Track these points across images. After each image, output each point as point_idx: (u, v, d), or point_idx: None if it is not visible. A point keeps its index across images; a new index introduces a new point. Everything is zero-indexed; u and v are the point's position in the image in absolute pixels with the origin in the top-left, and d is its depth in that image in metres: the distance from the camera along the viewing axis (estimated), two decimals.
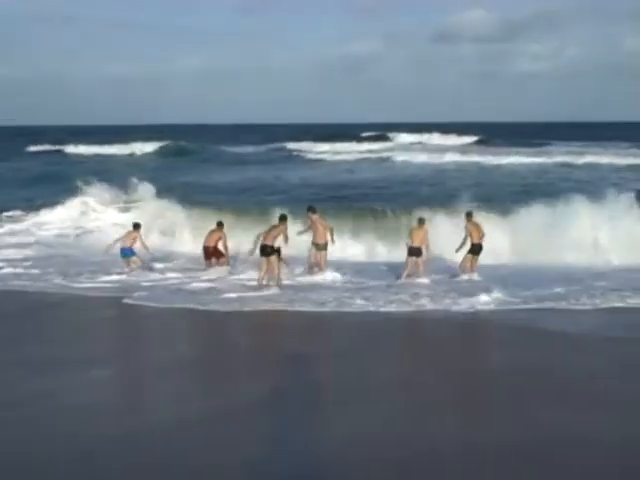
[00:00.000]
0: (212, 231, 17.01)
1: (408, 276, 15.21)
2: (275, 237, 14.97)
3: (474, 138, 73.14)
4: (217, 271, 16.45)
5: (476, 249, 15.55)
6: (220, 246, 16.79)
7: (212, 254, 16.77)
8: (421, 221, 15.55)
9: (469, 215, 15.94)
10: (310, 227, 16.04)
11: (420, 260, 15.23)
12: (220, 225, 17.07)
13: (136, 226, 17.54)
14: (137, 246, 17.15)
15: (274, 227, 15.22)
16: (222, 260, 16.75)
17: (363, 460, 7.02)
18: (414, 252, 15.22)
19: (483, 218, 16.94)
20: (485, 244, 15.70)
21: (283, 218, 15.35)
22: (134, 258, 17.07)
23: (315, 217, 15.94)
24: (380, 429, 7.77)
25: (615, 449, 7.24)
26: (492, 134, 78.83)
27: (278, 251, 15.00)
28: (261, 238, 14.99)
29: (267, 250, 14.84)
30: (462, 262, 15.56)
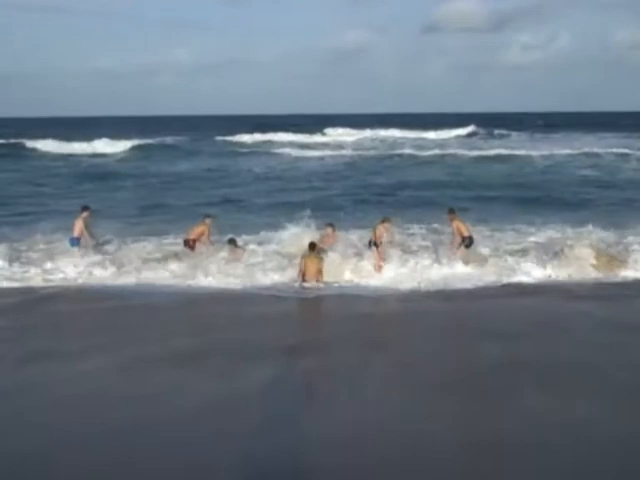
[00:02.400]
0: (197, 224, 15.76)
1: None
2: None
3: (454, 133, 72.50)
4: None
5: (469, 242, 15.31)
6: (202, 241, 15.53)
7: (192, 247, 15.41)
8: (385, 219, 15.53)
9: (452, 212, 15.67)
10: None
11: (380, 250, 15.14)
12: (208, 217, 15.94)
13: (84, 209, 14.92)
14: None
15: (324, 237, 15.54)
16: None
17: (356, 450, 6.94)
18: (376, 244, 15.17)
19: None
20: None
21: (330, 225, 15.91)
22: (74, 250, 14.40)
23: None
24: (374, 418, 7.68)
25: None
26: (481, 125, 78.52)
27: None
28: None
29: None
30: (456, 253, 15.18)
